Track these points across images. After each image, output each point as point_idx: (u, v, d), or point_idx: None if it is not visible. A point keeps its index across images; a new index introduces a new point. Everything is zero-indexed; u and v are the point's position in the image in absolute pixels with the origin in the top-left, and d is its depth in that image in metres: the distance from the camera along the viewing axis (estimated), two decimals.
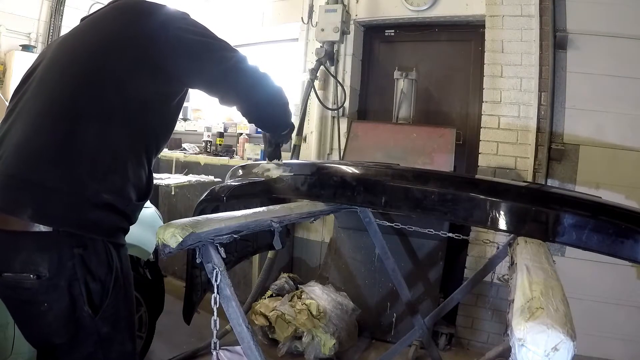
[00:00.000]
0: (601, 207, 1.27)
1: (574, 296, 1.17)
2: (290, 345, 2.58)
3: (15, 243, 1.05)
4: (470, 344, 2.91)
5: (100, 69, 1.14)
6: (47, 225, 1.04)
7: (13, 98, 1.23)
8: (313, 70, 3.36)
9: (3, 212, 1.04)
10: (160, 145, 1.31)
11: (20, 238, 1.04)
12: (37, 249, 1.04)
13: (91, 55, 1.16)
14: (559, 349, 0.61)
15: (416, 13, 3.36)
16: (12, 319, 1.17)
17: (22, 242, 1.04)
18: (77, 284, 1.07)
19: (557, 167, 2.82)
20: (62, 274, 1.05)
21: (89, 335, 1.11)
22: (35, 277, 1.03)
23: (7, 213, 1.04)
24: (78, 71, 1.15)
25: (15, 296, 1.11)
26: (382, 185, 1.48)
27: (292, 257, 3.63)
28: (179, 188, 3.50)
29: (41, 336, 1.15)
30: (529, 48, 2.81)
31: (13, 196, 1.05)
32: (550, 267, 0.95)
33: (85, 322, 1.09)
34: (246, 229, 1.17)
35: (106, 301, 1.11)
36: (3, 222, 1.04)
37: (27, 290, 1.06)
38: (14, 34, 4.47)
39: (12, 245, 1.05)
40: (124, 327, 1.18)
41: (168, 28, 1.17)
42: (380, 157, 2.92)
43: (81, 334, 1.10)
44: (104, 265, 1.11)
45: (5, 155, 1.09)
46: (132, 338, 1.22)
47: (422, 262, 2.92)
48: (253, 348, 1.04)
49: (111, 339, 1.14)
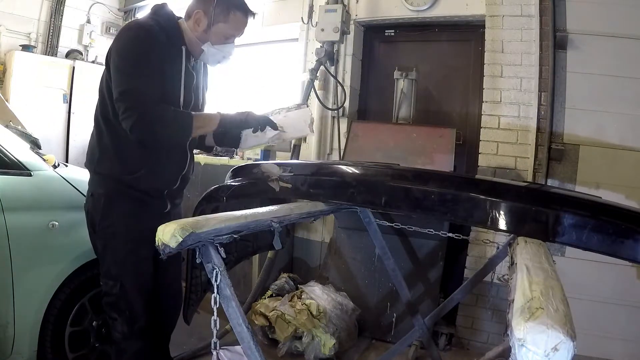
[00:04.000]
0: (601, 207, 1.27)
1: (574, 296, 1.17)
2: (290, 345, 2.58)
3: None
4: (470, 344, 2.91)
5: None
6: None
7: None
8: (313, 70, 3.36)
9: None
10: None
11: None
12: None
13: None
14: (559, 349, 0.61)
15: (416, 13, 3.36)
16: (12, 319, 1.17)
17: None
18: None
19: (557, 167, 2.81)
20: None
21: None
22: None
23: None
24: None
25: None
26: (382, 186, 1.48)
27: (292, 257, 3.63)
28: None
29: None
30: (529, 48, 2.80)
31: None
32: (550, 267, 0.95)
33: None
34: (246, 229, 1.17)
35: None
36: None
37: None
38: (14, 34, 4.48)
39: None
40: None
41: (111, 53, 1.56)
42: (380, 157, 2.91)
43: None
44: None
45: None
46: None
47: (422, 262, 2.92)
48: (253, 348, 1.04)
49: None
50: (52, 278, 1.85)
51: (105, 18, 5.23)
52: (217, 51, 1.67)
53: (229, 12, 1.63)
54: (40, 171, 1.90)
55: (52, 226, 1.84)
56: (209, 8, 1.61)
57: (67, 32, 4.89)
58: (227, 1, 1.63)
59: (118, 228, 1.61)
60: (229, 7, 1.63)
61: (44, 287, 1.83)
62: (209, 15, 1.61)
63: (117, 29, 5.27)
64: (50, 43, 4.74)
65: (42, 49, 4.70)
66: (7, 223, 1.70)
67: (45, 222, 1.83)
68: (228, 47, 1.70)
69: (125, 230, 1.62)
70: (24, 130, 3.01)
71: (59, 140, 4.60)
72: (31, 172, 1.85)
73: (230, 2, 1.64)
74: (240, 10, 1.65)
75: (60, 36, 4.81)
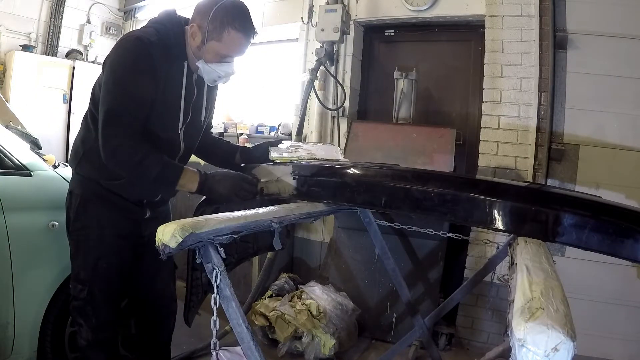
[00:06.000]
0: (601, 207, 1.26)
1: (574, 296, 1.17)
2: (290, 346, 2.58)
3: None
4: (470, 344, 2.91)
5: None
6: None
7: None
8: (313, 70, 3.36)
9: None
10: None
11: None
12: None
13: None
14: (559, 350, 0.61)
15: (416, 13, 3.36)
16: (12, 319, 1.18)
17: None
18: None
19: (557, 167, 2.81)
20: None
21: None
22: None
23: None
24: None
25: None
26: (382, 186, 1.48)
27: (292, 257, 3.63)
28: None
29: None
30: (529, 48, 2.80)
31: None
32: (550, 267, 0.95)
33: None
34: (246, 229, 1.17)
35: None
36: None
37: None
38: (14, 34, 4.48)
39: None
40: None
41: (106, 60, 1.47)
42: (380, 157, 2.91)
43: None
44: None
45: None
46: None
47: (422, 262, 2.92)
48: (253, 348, 1.04)
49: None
50: (52, 278, 1.84)
51: (105, 18, 5.23)
52: (212, 70, 1.50)
53: (224, 29, 1.43)
54: (40, 171, 1.90)
55: (52, 226, 1.84)
56: (204, 22, 1.43)
57: (67, 32, 4.90)
58: (224, 17, 1.42)
59: (91, 231, 1.55)
60: (223, 24, 1.42)
61: (44, 287, 1.82)
62: (202, 31, 1.44)
63: (117, 29, 5.28)
64: (50, 43, 4.74)
65: (42, 49, 4.70)
66: (7, 223, 1.70)
67: (45, 222, 1.83)
68: (225, 67, 1.51)
69: (98, 234, 1.55)
70: (24, 130, 3.01)
71: (59, 140, 4.60)
72: (31, 172, 1.85)
73: (227, 19, 1.42)
74: (236, 30, 1.44)
75: (60, 36, 4.81)
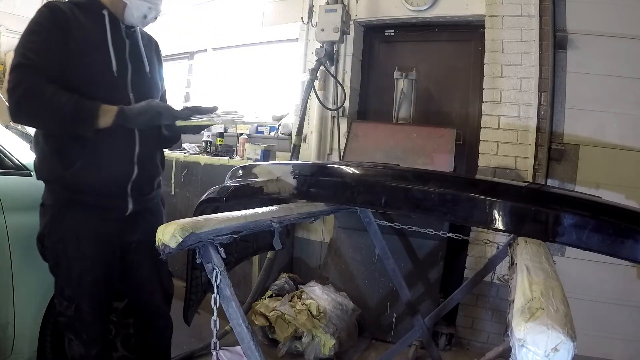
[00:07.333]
0: (601, 207, 1.27)
1: (574, 296, 1.17)
2: (290, 346, 2.58)
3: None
4: (470, 344, 2.91)
5: None
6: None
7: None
8: (313, 70, 3.36)
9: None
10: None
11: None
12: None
13: None
14: (559, 350, 0.61)
15: (416, 13, 3.36)
16: (12, 319, 1.18)
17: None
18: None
19: (557, 167, 2.81)
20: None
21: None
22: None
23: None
24: None
25: None
26: (382, 186, 1.48)
27: (292, 257, 3.63)
28: (179, 188, 3.50)
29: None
30: (529, 48, 2.80)
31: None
32: (551, 267, 0.95)
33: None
34: (246, 229, 1.17)
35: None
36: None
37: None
38: (14, 34, 4.49)
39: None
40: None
41: None
42: (380, 157, 2.92)
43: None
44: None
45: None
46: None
47: (422, 262, 2.92)
48: (253, 348, 1.04)
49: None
50: (52, 278, 1.83)
51: None
52: (142, 2, 1.48)
53: None
54: None
55: None
56: None
57: None
58: None
59: (69, 243, 1.45)
60: None
61: (44, 287, 1.82)
62: None
63: None
64: None
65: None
66: (7, 223, 1.70)
67: None
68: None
69: (77, 246, 1.45)
70: (24, 130, 3.02)
71: None
72: (31, 172, 1.85)
73: None
74: None
75: None
